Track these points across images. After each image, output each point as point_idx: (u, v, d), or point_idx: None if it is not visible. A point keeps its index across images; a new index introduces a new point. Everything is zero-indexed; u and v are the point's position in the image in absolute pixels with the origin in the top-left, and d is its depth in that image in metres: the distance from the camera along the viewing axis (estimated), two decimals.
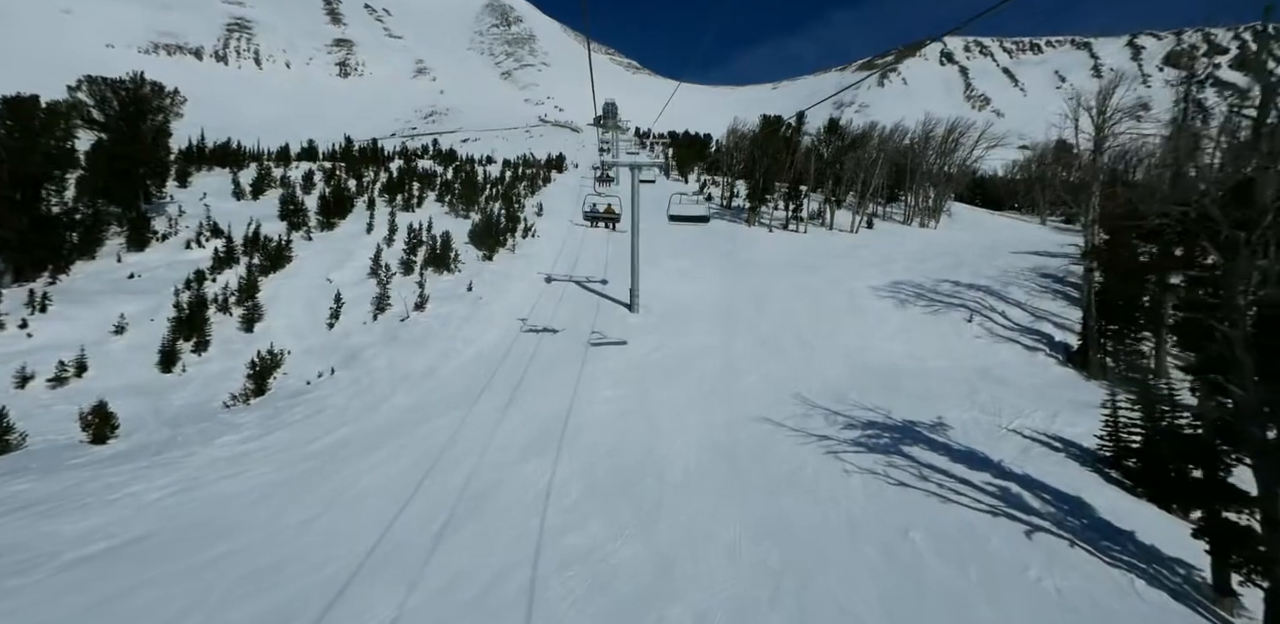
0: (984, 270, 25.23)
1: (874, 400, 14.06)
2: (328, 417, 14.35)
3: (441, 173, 44.26)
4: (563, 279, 25.53)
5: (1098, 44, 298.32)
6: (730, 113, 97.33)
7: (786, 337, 19.47)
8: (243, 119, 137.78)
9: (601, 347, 18.30)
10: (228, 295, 20.57)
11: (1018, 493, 9.32)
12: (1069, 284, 22.36)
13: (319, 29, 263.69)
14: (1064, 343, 17.69)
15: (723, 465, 11.16)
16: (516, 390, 15.47)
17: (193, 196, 30.56)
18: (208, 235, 24.89)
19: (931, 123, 43.44)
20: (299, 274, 23.64)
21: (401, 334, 20.04)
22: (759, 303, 22.97)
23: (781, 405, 14.18)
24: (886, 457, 10.84)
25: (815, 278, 26.06)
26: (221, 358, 17.94)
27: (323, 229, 28.80)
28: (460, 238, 28.81)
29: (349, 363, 18.02)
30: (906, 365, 16.71)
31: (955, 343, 18.43)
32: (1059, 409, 13.09)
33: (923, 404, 13.70)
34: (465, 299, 22.79)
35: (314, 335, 19.84)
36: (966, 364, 16.69)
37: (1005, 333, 18.76)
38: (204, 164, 36.92)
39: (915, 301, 22.18)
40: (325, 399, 15.53)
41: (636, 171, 21.63)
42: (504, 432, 13.15)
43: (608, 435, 12.84)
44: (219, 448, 12.27)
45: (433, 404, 15.10)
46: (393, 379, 16.77)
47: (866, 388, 14.97)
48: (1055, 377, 15.65)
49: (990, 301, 21.29)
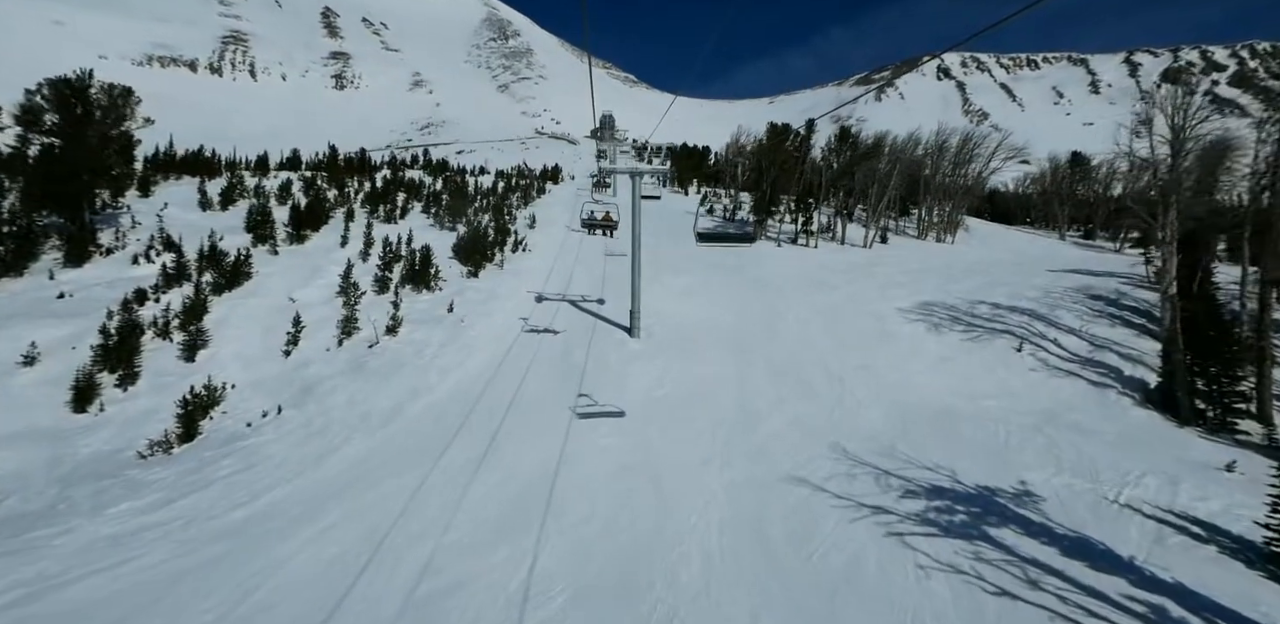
0: (1023, 290, 22.78)
1: (931, 455, 11.50)
2: (261, 472, 11.71)
3: (430, 183, 41.97)
4: (555, 298, 23.03)
5: (1094, 61, 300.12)
6: (726, 126, 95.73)
7: (810, 368, 16.94)
8: (236, 130, 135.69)
9: (601, 383, 15.73)
10: (169, 318, 17.95)
11: (1180, 618, 6.74)
12: (1126, 307, 19.92)
13: (316, 42, 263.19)
14: (1138, 379, 15.19)
15: (753, 553, 8.57)
16: (495, 436, 12.88)
17: (154, 207, 28.06)
18: (159, 249, 22.32)
19: (946, 132, 41.35)
20: (258, 293, 21.04)
21: (369, 363, 17.44)
22: (773, 327, 20.47)
23: (816, 460, 11.62)
24: (971, 545, 8.25)
25: (834, 298, 23.59)
26: (151, 393, 15.28)
27: (292, 242, 26.27)
28: (444, 252, 26.36)
29: (302, 399, 15.38)
30: (957, 406, 14.17)
31: (1007, 376, 15.91)
32: (1173, 473, 10.48)
33: (993, 461, 11.13)
34: (444, 322, 20.24)
35: (266, 365, 17.20)
36: (1027, 405, 14.15)
37: (1063, 365, 16.26)
38: (172, 173, 34.45)
39: (951, 326, 19.70)
40: (264, 447, 12.88)
41: (637, 179, 19.21)
42: (475, 496, 10.55)
43: (603, 503, 10.25)
44: (109, 521, 9.61)
45: (393, 455, 12.48)
46: (350, 421, 14.14)
47: (917, 437, 12.41)
48: (1138, 423, 13.13)
49: (1038, 327, 18.80)
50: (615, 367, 17.01)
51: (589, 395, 14.11)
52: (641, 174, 19.18)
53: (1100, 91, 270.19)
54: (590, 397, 14.07)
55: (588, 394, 14.31)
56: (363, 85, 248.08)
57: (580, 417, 13.01)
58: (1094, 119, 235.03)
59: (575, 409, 13.34)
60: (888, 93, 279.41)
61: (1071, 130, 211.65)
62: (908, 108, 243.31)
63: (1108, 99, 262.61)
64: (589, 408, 13.65)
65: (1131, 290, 21.97)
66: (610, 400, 14.78)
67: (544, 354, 17.94)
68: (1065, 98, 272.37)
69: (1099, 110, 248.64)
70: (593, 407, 13.70)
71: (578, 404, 13.65)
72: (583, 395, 14.22)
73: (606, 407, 13.65)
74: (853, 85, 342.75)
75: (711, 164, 68.36)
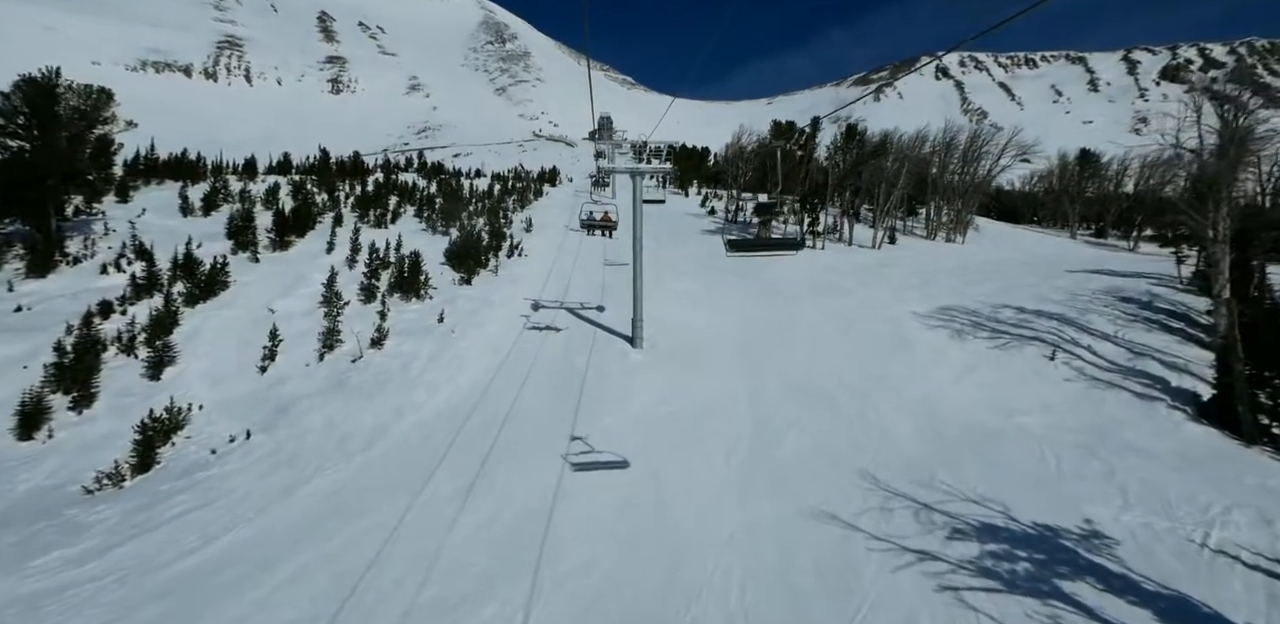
0: (1045, 293, 21.47)
1: (973, 483, 10.19)
2: (220, 509, 10.40)
3: (424, 187, 40.70)
4: (553, 306, 21.75)
5: (1093, 59, 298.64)
6: (724, 127, 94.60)
7: (826, 379, 15.65)
8: (231, 136, 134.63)
9: (602, 400, 14.45)
10: (135, 332, 16.65)
11: None
12: (1161, 311, 18.61)
13: (312, 46, 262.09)
14: (1187, 390, 13.88)
15: (783, 614, 7.26)
16: (485, 462, 11.58)
17: (132, 213, 26.80)
18: (131, 258, 21.03)
19: (954, 129, 40.11)
20: (235, 303, 19.75)
21: (351, 379, 16.14)
22: (785, 334, 19.18)
23: (845, 490, 10.31)
24: (1044, 605, 6.96)
25: (846, 302, 22.30)
26: (109, 416, 13.97)
27: (276, 249, 24.99)
28: (437, 258, 25.08)
29: (275, 421, 14.08)
30: (994, 424, 12.86)
31: (1042, 388, 14.60)
32: (1262, 506, 8.96)
33: (1047, 492, 9.82)
34: (434, 333, 18.95)
35: (239, 382, 15.90)
36: (1070, 421, 12.84)
37: (1102, 375, 14.94)
38: (154, 178, 33.16)
39: (974, 332, 18.41)
40: (227, 479, 11.58)
41: (638, 180, 17.94)
42: (460, 537, 9.26)
43: (606, 545, 8.96)
44: (31, 576, 8.32)
45: (370, 486, 11.18)
46: (326, 446, 12.84)
47: (954, 461, 11.11)
48: (1198, 441, 11.82)
49: (1069, 333, 17.49)
50: (617, 380, 15.73)
51: (584, 440, 12.08)
52: (643, 174, 17.89)
53: (1099, 90, 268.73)
54: (585, 441, 12.07)
55: (582, 437, 12.15)
56: (359, 89, 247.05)
57: (575, 469, 10.95)
58: (1093, 117, 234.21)
59: (568, 458, 11.37)
60: (886, 92, 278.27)
61: (1071, 128, 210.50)
62: (906, 107, 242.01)
63: (1107, 97, 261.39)
64: (585, 457, 11.48)
65: (1164, 292, 20.66)
66: (612, 420, 13.51)
67: (540, 367, 16.66)
68: (1064, 96, 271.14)
69: (1098, 108, 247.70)
70: (588, 454, 11.58)
71: (570, 451, 11.62)
72: (576, 439, 12.08)
73: (605, 456, 11.46)
74: (851, 85, 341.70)
75: (711, 165, 67.23)
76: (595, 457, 11.43)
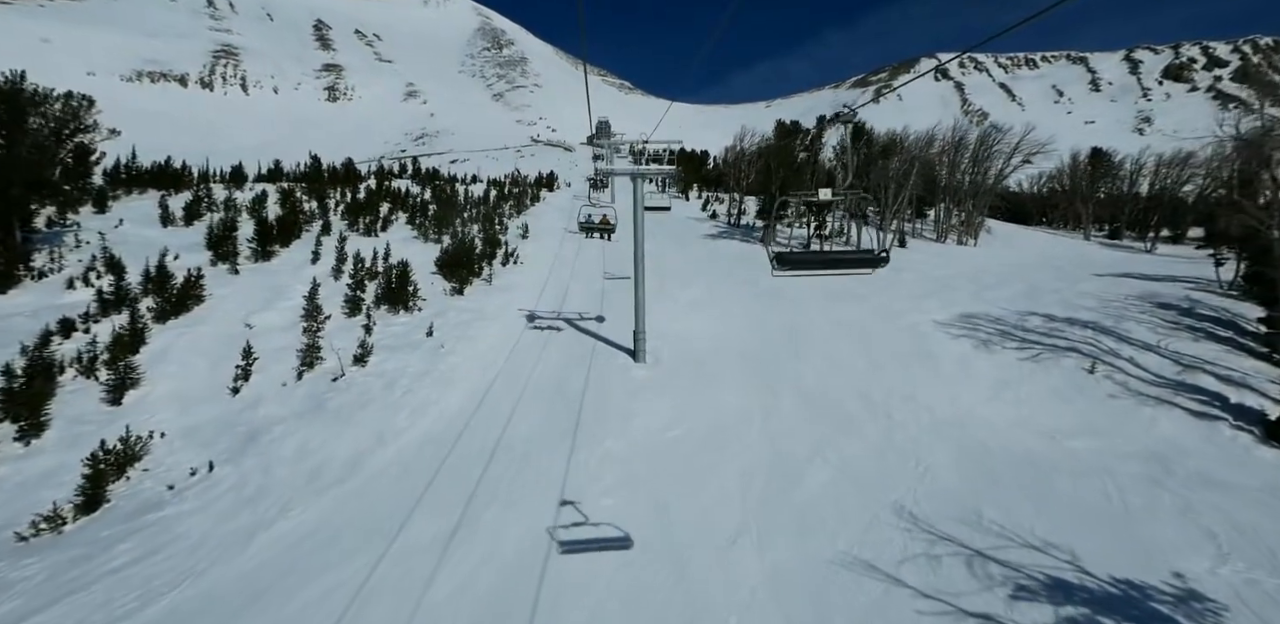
0: (1073, 299, 20.16)
1: (1029, 524, 8.88)
2: (166, 561, 9.10)
3: (418, 193, 39.51)
4: (549, 316, 20.52)
5: (1094, 59, 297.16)
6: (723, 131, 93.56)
7: (846, 397, 14.35)
8: (228, 144, 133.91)
9: (602, 421, 13.18)
10: (96, 353, 15.37)
11: None
12: (1205, 318, 17.30)
13: (308, 54, 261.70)
14: (1251, 408, 12.57)
15: None
16: (470, 502, 10.29)
17: (109, 224, 25.57)
18: (101, 271, 19.78)
19: (963, 128, 38.89)
20: (210, 319, 18.47)
21: (330, 401, 14.86)
22: (797, 346, 17.90)
23: (881, 530, 9.01)
24: None
25: (860, 310, 21.03)
26: (60, 448, 12.67)
27: (257, 259, 23.73)
28: (428, 267, 23.85)
29: (243, 450, 12.78)
30: (1039, 448, 11.55)
31: (1085, 406, 13.30)
32: None
33: (1119, 536, 8.51)
34: (422, 348, 17.69)
35: (208, 406, 14.60)
36: (1124, 445, 11.53)
37: (1149, 390, 13.63)
38: (135, 187, 31.94)
39: (1001, 342, 17.12)
40: (180, 521, 10.27)
41: (640, 182, 16.70)
42: (438, 598, 7.96)
43: (608, 606, 7.66)
44: None
45: (341, 529, 9.88)
46: (295, 480, 11.54)
47: (1004, 494, 9.80)
48: (1275, 468, 10.52)
49: (1107, 342, 16.20)
50: (618, 400, 14.46)
51: (576, 504, 9.88)
52: (644, 176, 16.64)
53: (1101, 90, 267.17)
54: (577, 506, 9.85)
55: (574, 502, 9.90)
56: (356, 97, 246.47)
57: (563, 550, 8.66)
58: (1095, 117, 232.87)
59: (556, 536, 9.04)
60: (885, 94, 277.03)
61: (1073, 129, 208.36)
62: (905, 108, 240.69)
63: (1109, 97, 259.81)
64: (576, 532, 9.13)
65: (1204, 297, 19.36)
66: (614, 444, 12.24)
67: (535, 385, 15.40)
68: (1065, 96, 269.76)
69: (1100, 108, 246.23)
70: (582, 528, 9.24)
71: (557, 523, 9.37)
72: (567, 504, 9.84)
73: (602, 531, 9.16)
74: (849, 87, 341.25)
75: (710, 168, 66.18)
76: (590, 531, 9.23)
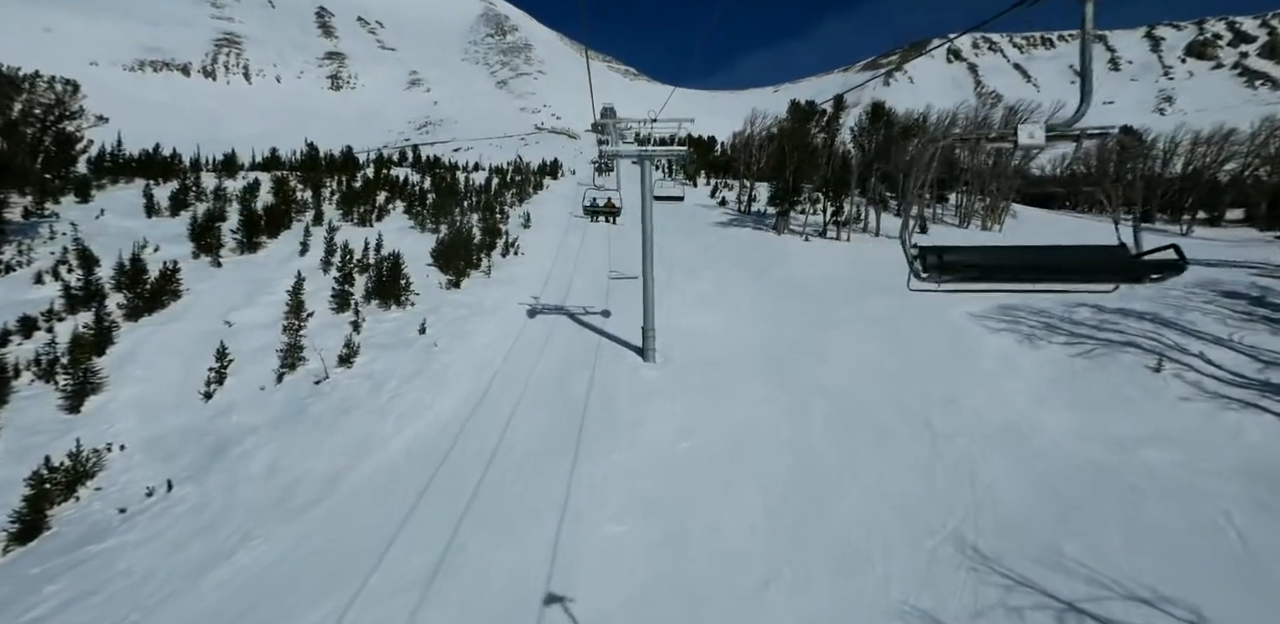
0: (1121, 286, 18.52)
1: (1125, 565, 7.42)
2: (99, 606, 7.81)
3: (418, 181, 38.01)
4: (551, 311, 19.10)
5: (1113, 36, 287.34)
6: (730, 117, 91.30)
7: (880, 402, 12.87)
8: (231, 133, 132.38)
9: (609, 430, 11.78)
10: (57, 355, 14.09)
11: None
12: (1279, 307, 15.66)
13: (310, 42, 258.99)
14: None
15: None
16: (457, 529, 8.93)
17: (90, 214, 24.27)
18: (72, 264, 18.49)
19: (987, 108, 36.95)
20: (186, 316, 17.18)
21: (310, 407, 13.56)
22: (821, 344, 16.38)
23: (940, 570, 7.59)
24: None
25: (887, 303, 19.44)
26: (6, 462, 11.40)
27: (243, 251, 22.40)
28: (423, 258, 22.47)
29: (208, 466, 11.49)
30: (1110, 462, 10.06)
31: (1154, 410, 11.76)
32: None
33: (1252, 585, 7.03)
34: (414, 346, 16.36)
35: (175, 414, 13.32)
36: (1211, 458, 10.01)
37: (1228, 390, 12.08)
38: (122, 176, 30.60)
39: (1048, 337, 15.55)
40: (125, 554, 8.99)
41: (648, 165, 15.17)
42: None
43: None
44: None
45: (308, 562, 8.56)
46: (263, 501, 10.23)
47: (1084, 523, 8.34)
48: None
49: (1170, 336, 14.59)
50: (626, 404, 13.07)
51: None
52: (653, 158, 15.08)
53: (1120, 69, 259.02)
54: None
55: (564, 598, 7.38)
56: (359, 85, 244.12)
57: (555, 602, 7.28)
58: (1114, 98, 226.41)
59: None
60: (896, 77, 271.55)
61: (1092, 110, 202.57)
62: (917, 91, 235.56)
63: (1129, 76, 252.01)
64: None
65: (1273, 284, 17.67)
66: (622, 457, 10.85)
67: (535, 387, 14.02)
68: None
69: (1120, 88, 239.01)
70: None
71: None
72: (555, 601, 7.35)
73: None
74: (859, 70, 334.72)
75: (718, 154, 64.31)
76: None
